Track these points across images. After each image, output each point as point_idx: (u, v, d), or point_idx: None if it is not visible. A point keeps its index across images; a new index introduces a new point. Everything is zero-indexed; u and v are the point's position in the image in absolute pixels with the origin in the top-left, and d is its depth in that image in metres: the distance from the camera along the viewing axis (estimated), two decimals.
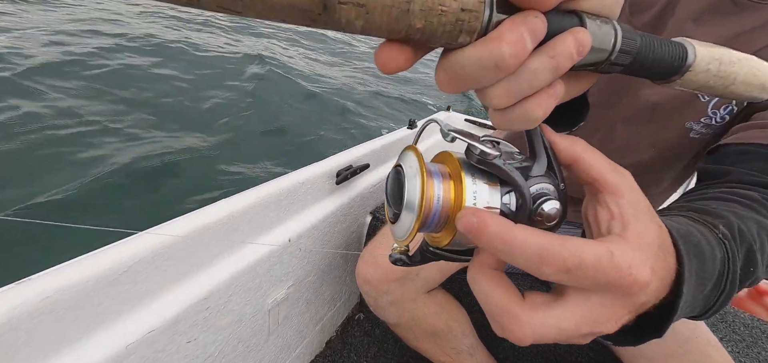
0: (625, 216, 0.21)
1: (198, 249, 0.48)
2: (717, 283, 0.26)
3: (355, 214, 0.79)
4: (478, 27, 0.16)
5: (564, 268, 0.18)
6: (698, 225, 0.28)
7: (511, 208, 0.21)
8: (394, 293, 0.62)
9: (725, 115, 0.51)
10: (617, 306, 0.20)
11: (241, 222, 0.53)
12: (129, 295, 0.41)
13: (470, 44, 0.16)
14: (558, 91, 0.19)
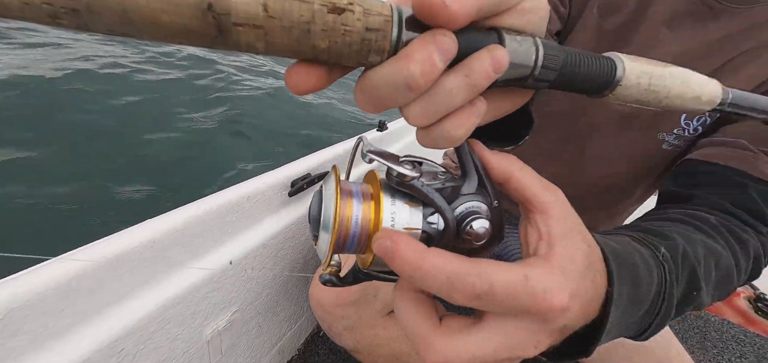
0: (552, 236, 0.20)
1: (121, 277, 0.43)
2: (653, 305, 0.25)
3: (306, 227, 0.75)
4: (387, 46, 0.16)
5: (474, 294, 0.17)
6: (640, 245, 0.26)
7: (438, 229, 0.20)
8: (351, 318, 0.58)
9: (698, 126, 0.49)
10: (535, 331, 0.19)
11: (172, 245, 0.48)
12: (29, 337, 0.36)
13: (381, 64, 0.16)
14: (479, 109, 0.18)
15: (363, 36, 0.15)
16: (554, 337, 0.19)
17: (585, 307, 0.20)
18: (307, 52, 0.15)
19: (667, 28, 0.46)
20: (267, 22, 0.14)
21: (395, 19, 0.15)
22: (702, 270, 0.29)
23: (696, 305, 0.30)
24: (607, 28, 0.49)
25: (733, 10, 0.44)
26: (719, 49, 0.45)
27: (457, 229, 0.20)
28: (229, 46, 0.14)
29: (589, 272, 0.20)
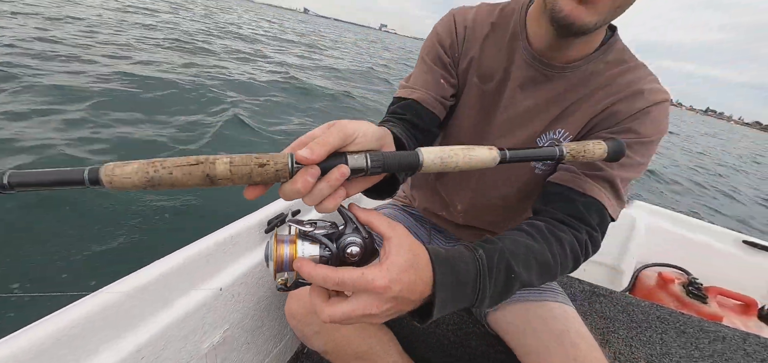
0: (388, 251, 0.37)
1: (132, 308, 0.57)
2: (474, 285, 0.42)
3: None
4: (288, 174, 0.33)
5: (334, 284, 0.35)
6: (465, 250, 0.44)
7: (330, 253, 0.38)
8: (317, 323, 0.72)
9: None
10: (373, 300, 0.36)
11: (176, 278, 0.63)
12: (66, 359, 0.50)
13: (286, 181, 0.34)
14: (339, 195, 0.36)
15: (277, 170, 0.32)
16: (392, 304, 0.36)
17: (410, 286, 0.36)
18: (251, 181, 0.32)
19: (520, 90, 0.64)
20: (232, 174, 0.31)
21: (290, 163, 0.33)
22: (520, 262, 0.46)
23: (521, 284, 0.47)
24: (486, 90, 0.67)
25: (559, 75, 0.62)
26: (555, 102, 0.63)
27: (340, 253, 0.37)
28: (215, 185, 0.31)
29: (412, 268, 0.37)
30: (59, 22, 7.51)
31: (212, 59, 7.18)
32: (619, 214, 0.61)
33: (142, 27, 9.42)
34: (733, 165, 12.39)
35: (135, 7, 14.64)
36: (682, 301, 1.30)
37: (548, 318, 0.69)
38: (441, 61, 0.68)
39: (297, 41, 17.49)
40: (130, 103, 3.68)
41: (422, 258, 0.38)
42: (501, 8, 0.68)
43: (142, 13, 12.88)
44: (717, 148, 18.10)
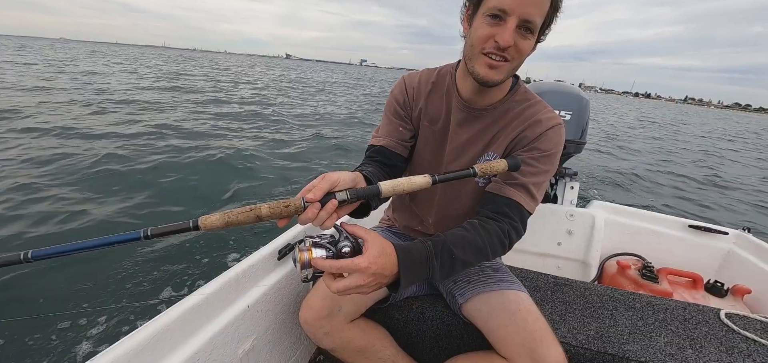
0: (366, 247, 0.60)
1: (190, 321, 0.76)
2: (426, 264, 0.65)
3: (296, 277, 1.10)
4: (301, 209, 0.55)
5: (337, 268, 0.58)
6: (420, 244, 0.68)
7: (333, 253, 0.60)
8: (326, 327, 0.92)
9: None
10: (360, 275, 0.58)
11: (214, 300, 0.83)
12: (150, 357, 0.69)
13: (301, 213, 0.57)
14: (333, 218, 0.60)
15: (295, 209, 0.57)
16: (373, 278, 0.58)
17: (383, 266, 0.59)
18: (281, 216, 0.57)
19: (458, 127, 0.89)
20: (270, 214, 0.56)
21: (302, 203, 0.57)
22: (457, 246, 0.69)
23: (461, 262, 0.70)
24: (435, 129, 0.92)
25: (484, 114, 0.88)
26: (484, 133, 0.88)
27: (338, 252, 0.60)
28: (261, 222, 0.55)
29: (383, 255, 0.60)
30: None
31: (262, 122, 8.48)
32: (535, 208, 0.84)
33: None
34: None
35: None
36: (638, 283, 1.50)
37: (505, 302, 0.89)
38: (398, 114, 0.94)
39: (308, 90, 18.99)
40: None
41: (389, 249, 0.62)
42: (438, 71, 0.95)
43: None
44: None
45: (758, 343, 1.03)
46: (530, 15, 0.70)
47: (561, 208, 1.80)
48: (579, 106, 1.66)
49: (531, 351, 0.78)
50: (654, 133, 16.48)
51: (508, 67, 0.76)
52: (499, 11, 0.70)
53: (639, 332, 1.04)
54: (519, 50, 0.74)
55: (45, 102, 7.76)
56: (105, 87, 11.54)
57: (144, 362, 0.68)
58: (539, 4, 0.71)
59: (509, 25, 0.70)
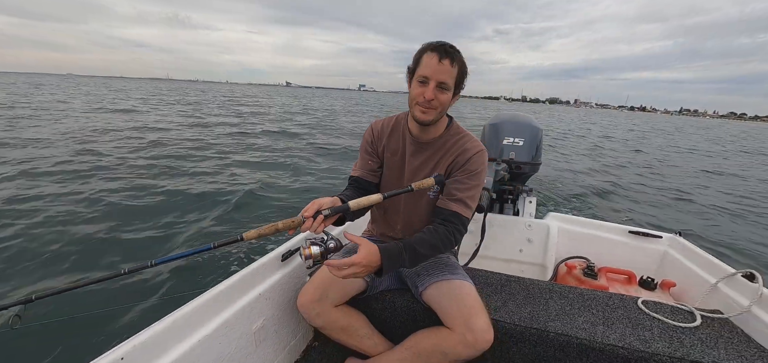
0: (360, 249, 0.96)
1: (218, 302, 1.07)
2: (399, 257, 1.02)
3: (296, 275, 1.40)
4: (301, 222, 0.94)
5: (346, 264, 0.95)
6: (395, 244, 1.04)
7: (324, 248, 1.01)
8: (317, 308, 1.22)
9: (435, 191, 1.25)
10: (358, 267, 0.95)
11: (238, 287, 1.13)
12: (185, 326, 0.99)
13: (302, 225, 0.95)
14: (322, 227, 0.97)
15: (298, 223, 0.96)
16: (364, 268, 0.96)
17: (370, 260, 0.95)
18: (290, 228, 0.95)
19: (412, 156, 1.24)
20: (284, 227, 0.94)
21: (302, 219, 0.96)
22: (417, 243, 1.05)
23: (423, 256, 1.07)
24: (395, 159, 1.26)
25: (428, 146, 1.23)
26: (430, 160, 1.23)
27: (325, 248, 0.99)
28: (279, 233, 0.95)
29: (370, 254, 0.96)
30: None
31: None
32: (472, 214, 1.19)
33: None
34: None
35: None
36: (580, 280, 1.79)
37: (453, 289, 1.20)
38: (368, 151, 1.31)
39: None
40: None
41: (374, 248, 0.97)
42: (396, 117, 1.32)
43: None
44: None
45: (662, 321, 1.32)
46: (444, 80, 1.10)
47: (521, 219, 2.11)
48: (531, 134, 2.00)
49: (465, 320, 1.08)
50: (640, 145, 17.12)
51: (435, 112, 1.14)
52: (424, 78, 1.11)
53: (564, 314, 1.34)
54: (440, 101, 1.13)
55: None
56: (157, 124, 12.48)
57: (191, 324, 0.99)
58: (449, 73, 1.10)
59: (431, 86, 1.10)
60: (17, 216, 3.87)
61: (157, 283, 2.78)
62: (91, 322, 2.26)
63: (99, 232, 3.67)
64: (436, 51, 1.09)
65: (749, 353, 1.18)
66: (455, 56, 1.11)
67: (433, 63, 1.09)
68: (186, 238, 3.69)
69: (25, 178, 5.26)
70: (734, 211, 6.36)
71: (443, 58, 1.09)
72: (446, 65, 1.09)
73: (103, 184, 5.27)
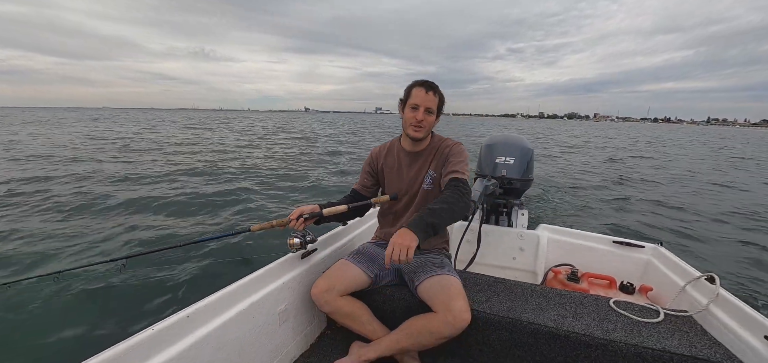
0: (396, 232, 1.29)
1: (251, 287, 1.37)
2: (427, 227, 1.33)
3: (313, 271, 1.69)
4: (288, 221, 1.45)
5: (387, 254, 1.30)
6: (418, 215, 1.37)
7: (300, 241, 1.52)
8: (326, 297, 1.49)
9: (429, 180, 1.60)
10: (403, 241, 1.26)
11: (267, 276, 1.43)
12: (222, 307, 1.29)
13: (289, 223, 1.46)
14: (302, 225, 1.51)
15: (286, 222, 1.50)
16: (406, 243, 1.26)
17: (403, 238, 1.26)
18: (281, 225, 1.49)
19: (408, 167, 1.59)
20: (279, 223, 1.49)
21: (289, 219, 1.50)
22: (438, 210, 1.36)
23: (446, 221, 1.39)
24: (393, 172, 1.60)
25: (418, 156, 1.59)
26: (422, 167, 1.58)
27: (303, 240, 1.49)
28: (277, 228, 1.49)
29: (399, 235, 1.28)
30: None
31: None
32: (466, 175, 1.54)
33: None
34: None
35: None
36: (564, 284, 2.00)
37: (440, 280, 1.46)
38: (366, 170, 1.68)
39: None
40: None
41: (403, 229, 1.29)
42: (390, 143, 1.68)
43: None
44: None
45: (627, 317, 1.52)
46: (429, 106, 1.54)
47: (514, 230, 2.33)
48: (521, 153, 2.24)
49: (446, 303, 1.34)
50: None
51: (424, 130, 1.53)
52: (415, 105, 1.54)
53: (539, 309, 1.56)
54: (427, 121, 1.55)
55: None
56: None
57: (234, 300, 1.29)
58: (433, 101, 1.54)
59: (421, 110, 1.49)
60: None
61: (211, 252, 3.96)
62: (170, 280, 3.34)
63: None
64: (423, 86, 1.53)
65: (701, 345, 1.36)
66: (436, 89, 1.55)
67: (421, 94, 1.52)
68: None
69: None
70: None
71: (428, 90, 1.53)
72: (430, 95, 1.53)
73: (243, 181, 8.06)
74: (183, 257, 3.65)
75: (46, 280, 2.80)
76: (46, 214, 5.28)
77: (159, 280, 3.31)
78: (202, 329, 1.16)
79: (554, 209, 6.64)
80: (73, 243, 4.18)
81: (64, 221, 5.02)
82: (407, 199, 1.67)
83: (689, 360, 1.28)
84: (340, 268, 1.56)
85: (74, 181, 7.51)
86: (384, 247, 1.71)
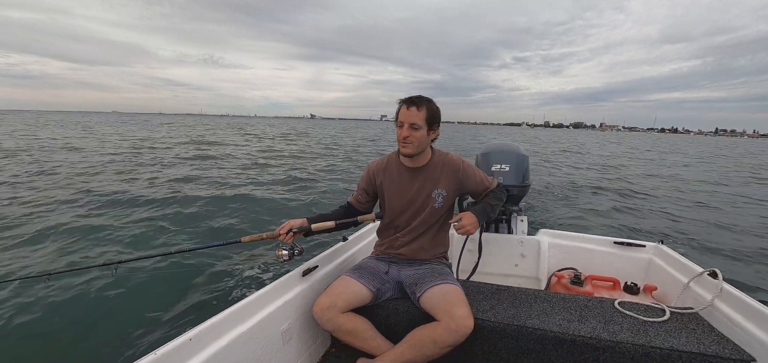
0: (462, 217, 1.45)
1: (258, 304, 1.36)
2: (483, 214, 1.51)
3: (315, 288, 1.68)
4: (278, 234, 1.54)
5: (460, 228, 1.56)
6: (477, 205, 1.54)
7: (289, 252, 1.57)
8: (327, 314, 1.47)
9: (440, 198, 1.62)
10: (469, 224, 1.45)
11: (272, 293, 1.43)
12: (225, 328, 1.28)
13: (279, 237, 1.55)
14: (291, 238, 1.57)
15: (275, 235, 1.57)
16: (468, 222, 1.46)
17: (471, 220, 1.46)
18: (272, 237, 1.58)
19: (409, 181, 1.61)
20: (269, 236, 1.58)
21: (278, 232, 1.58)
22: (490, 204, 1.53)
23: (492, 206, 1.61)
24: (393, 187, 1.61)
25: (419, 172, 1.60)
26: (427, 181, 1.60)
27: (291, 252, 1.60)
28: (269, 240, 1.60)
29: (465, 217, 1.45)
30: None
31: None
32: (490, 178, 1.72)
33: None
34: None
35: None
36: (568, 288, 1.98)
37: (442, 290, 1.46)
38: (362, 186, 1.70)
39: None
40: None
41: (468, 213, 1.56)
42: (387, 157, 1.69)
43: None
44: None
45: (633, 317, 1.51)
46: (413, 122, 1.52)
47: (514, 237, 2.33)
48: (517, 161, 2.26)
49: (448, 310, 1.34)
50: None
51: (411, 146, 1.54)
52: (400, 122, 1.55)
53: (544, 314, 1.55)
54: (415, 137, 1.53)
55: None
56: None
57: (236, 321, 1.28)
58: (417, 116, 1.51)
59: (405, 127, 1.53)
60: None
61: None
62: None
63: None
64: (405, 103, 1.54)
65: (708, 341, 1.35)
66: (421, 104, 1.52)
67: (404, 111, 1.54)
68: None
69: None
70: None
71: (410, 106, 1.52)
72: (414, 111, 1.51)
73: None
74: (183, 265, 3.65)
75: (38, 281, 3.00)
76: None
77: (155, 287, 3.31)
78: (206, 351, 1.15)
79: (549, 212, 6.69)
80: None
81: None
82: (410, 214, 1.65)
83: (698, 357, 1.27)
84: (342, 284, 1.56)
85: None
86: (384, 260, 1.71)
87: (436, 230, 1.67)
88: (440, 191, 1.61)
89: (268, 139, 25.50)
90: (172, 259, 3.61)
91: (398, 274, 1.66)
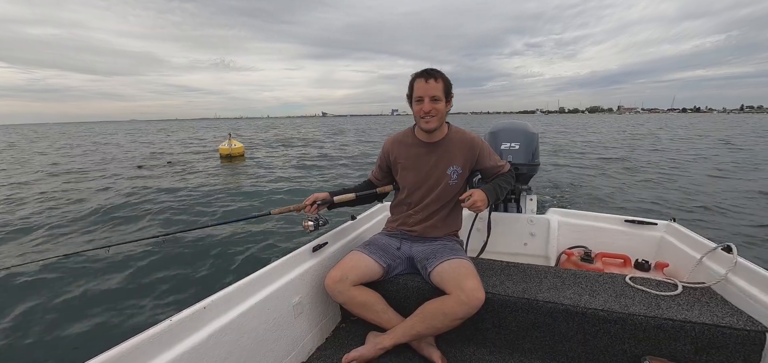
0: (472, 194, 1.43)
1: (268, 278, 1.38)
2: (493, 194, 1.50)
3: (325, 264, 1.69)
4: (304, 206, 1.58)
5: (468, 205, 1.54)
6: (488, 184, 1.52)
7: (316, 223, 1.61)
8: (339, 287, 1.49)
9: (455, 175, 1.62)
10: (479, 201, 1.43)
11: (283, 266, 1.44)
12: (238, 299, 1.30)
13: (305, 208, 1.59)
14: (315, 210, 1.62)
15: (302, 207, 1.62)
16: (478, 199, 1.44)
17: (480, 198, 1.43)
18: (298, 209, 1.64)
19: (426, 156, 1.62)
20: (296, 208, 1.64)
21: (305, 204, 1.63)
22: (500, 185, 1.52)
23: (501, 186, 1.61)
24: (409, 161, 1.61)
25: (435, 146, 1.60)
26: (443, 156, 1.60)
27: (317, 223, 1.64)
28: (295, 212, 1.66)
29: (476, 194, 1.44)
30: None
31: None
32: (501, 160, 1.74)
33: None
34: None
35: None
36: (578, 264, 1.97)
37: (452, 264, 1.46)
38: (380, 162, 1.70)
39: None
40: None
41: (478, 190, 1.52)
42: (403, 132, 1.68)
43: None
44: None
45: (645, 292, 1.51)
46: (433, 94, 1.50)
47: (524, 216, 2.32)
48: (526, 139, 2.23)
49: (459, 283, 1.34)
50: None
51: (435, 119, 1.51)
52: (419, 97, 1.49)
53: (554, 289, 1.55)
54: (436, 109, 1.52)
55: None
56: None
57: (249, 293, 1.30)
58: (436, 88, 1.50)
59: (426, 101, 1.47)
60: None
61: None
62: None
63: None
64: (422, 76, 1.51)
65: (722, 313, 1.34)
66: (438, 75, 1.51)
67: (422, 84, 1.50)
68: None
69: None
70: None
71: (428, 79, 1.49)
72: (432, 83, 1.49)
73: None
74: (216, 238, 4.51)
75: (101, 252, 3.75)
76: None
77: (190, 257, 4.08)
78: (220, 320, 1.17)
79: (561, 193, 6.71)
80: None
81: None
82: (425, 189, 1.65)
83: (711, 328, 1.26)
84: (353, 258, 1.57)
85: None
86: (396, 237, 1.71)
87: (450, 208, 1.67)
88: (456, 168, 1.62)
89: (318, 140, 26.08)
90: (211, 231, 4.47)
91: (410, 249, 1.66)
